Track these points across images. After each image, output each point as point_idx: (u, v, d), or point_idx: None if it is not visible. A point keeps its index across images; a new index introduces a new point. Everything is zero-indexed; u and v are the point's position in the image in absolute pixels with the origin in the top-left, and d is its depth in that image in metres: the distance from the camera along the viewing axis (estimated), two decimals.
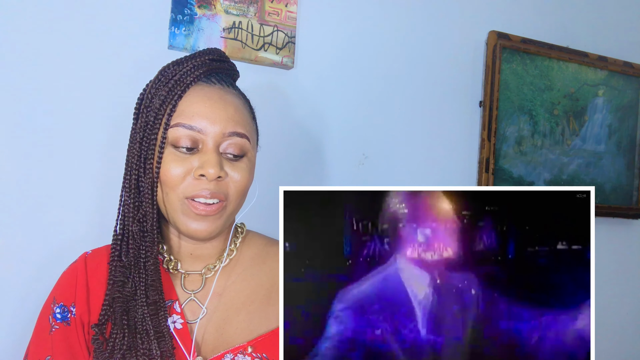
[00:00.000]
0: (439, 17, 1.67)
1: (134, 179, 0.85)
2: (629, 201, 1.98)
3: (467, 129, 1.72)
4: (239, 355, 0.84)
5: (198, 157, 0.83)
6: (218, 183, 0.83)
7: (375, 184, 1.58)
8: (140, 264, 0.84)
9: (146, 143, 0.84)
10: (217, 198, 0.84)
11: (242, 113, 0.87)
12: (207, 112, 0.83)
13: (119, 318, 0.82)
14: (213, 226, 0.85)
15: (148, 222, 0.85)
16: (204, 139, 0.83)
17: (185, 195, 0.83)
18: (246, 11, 1.38)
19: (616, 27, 2.00)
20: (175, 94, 0.83)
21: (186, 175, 0.83)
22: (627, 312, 2.02)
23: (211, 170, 0.81)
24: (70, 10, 1.22)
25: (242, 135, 0.85)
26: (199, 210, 0.83)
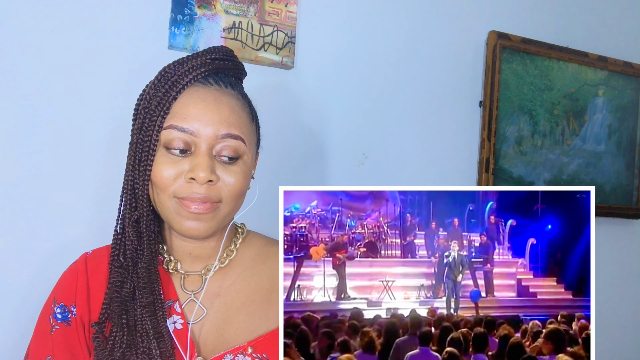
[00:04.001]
0: (439, 17, 1.67)
1: (130, 181, 0.85)
2: (629, 201, 1.98)
3: (467, 129, 1.72)
4: (239, 355, 0.84)
5: (190, 160, 0.82)
6: (209, 187, 0.82)
7: (375, 184, 1.58)
8: (137, 265, 0.84)
9: (141, 145, 0.83)
10: (208, 201, 0.82)
11: (237, 114, 0.85)
12: (200, 114, 0.82)
13: (117, 318, 0.82)
14: (206, 226, 0.84)
15: (142, 223, 0.85)
16: (196, 141, 0.82)
17: (176, 195, 0.82)
18: (246, 11, 1.38)
19: (616, 27, 2.00)
20: (170, 96, 0.82)
21: (177, 178, 0.82)
22: (627, 312, 2.02)
23: (202, 174, 0.80)
24: (70, 10, 1.22)
25: (236, 137, 0.83)
26: (192, 209, 0.82)
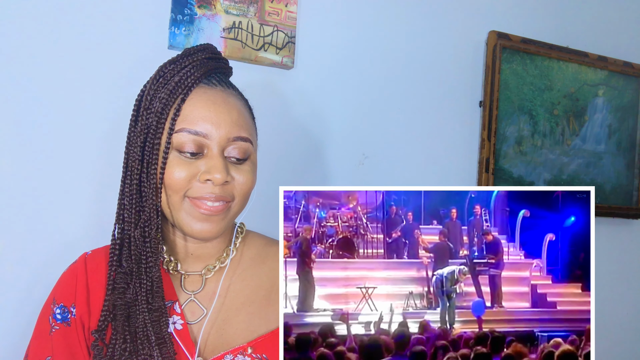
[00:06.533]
0: (439, 17, 1.67)
1: (135, 184, 0.84)
2: (629, 201, 1.98)
3: (467, 129, 1.72)
4: (239, 356, 0.84)
5: (204, 162, 0.83)
6: (223, 187, 0.83)
7: (375, 184, 1.58)
8: (142, 269, 0.83)
9: (149, 147, 0.82)
10: (223, 200, 0.84)
11: (244, 116, 0.87)
12: (212, 117, 0.83)
13: (121, 325, 0.82)
14: (218, 227, 0.85)
15: (152, 227, 0.83)
16: (209, 143, 0.83)
17: (189, 196, 0.83)
18: (246, 11, 1.38)
19: (616, 27, 2.00)
20: (177, 97, 0.82)
21: (191, 179, 0.82)
22: (627, 312, 2.02)
23: (218, 176, 0.81)
24: (70, 10, 1.22)
25: (245, 140, 0.86)
26: (204, 210, 0.83)
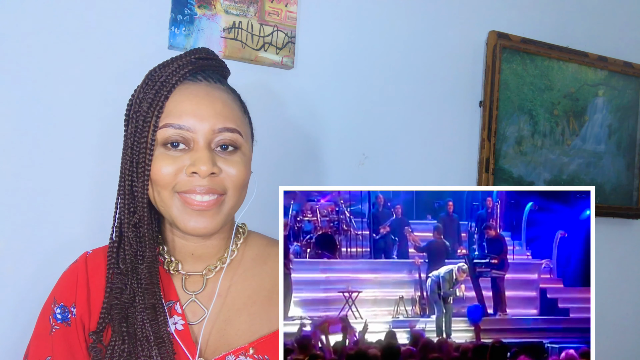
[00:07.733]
0: (438, 17, 1.67)
1: (127, 185, 0.84)
2: (629, 201, 1.98)
3: (467, 129, 1.72)
4: (240, 356, 0.84)
5: (190, 155, 0.82)
6: (212, 179, 0.82)
7: (375, 184, 1.58)
8: (138, 269, 0.84)
9: (137, 147, 0.83)
10: (214, 193, 0.83)
11: (230, 107, 0.86)
12: (194, 110, 0.82)
13: (118, 325, 0.82)
14: (213, 222, 0.84)
15: (144, 226, 0.84)
16: (194, 137, 0.82)
17: (177, 191, 0.82)
18: (246, 11, 1.38)
19: (616, 27, 2.00)
20: (161, 95, 0.83)
21: (178, 173, 0.82)
22: (627, 312, 2.02)
23: (203, 167, 0.80)
24: (70, 10, 1.21)
25: (232, 130, 0.84)
26: (194, 205, 0.82)
